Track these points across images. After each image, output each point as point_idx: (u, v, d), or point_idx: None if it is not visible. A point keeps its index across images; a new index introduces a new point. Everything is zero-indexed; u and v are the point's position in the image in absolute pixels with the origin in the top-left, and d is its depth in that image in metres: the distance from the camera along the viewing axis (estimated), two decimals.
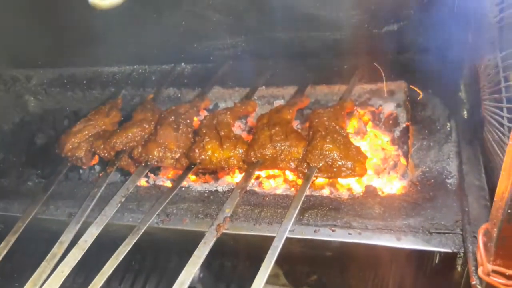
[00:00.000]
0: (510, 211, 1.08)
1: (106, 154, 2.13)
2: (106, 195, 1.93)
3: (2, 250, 1.76)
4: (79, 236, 1.72)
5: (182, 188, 1.96)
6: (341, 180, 1.99)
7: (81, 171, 2.36)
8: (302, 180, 1.79)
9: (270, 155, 1.88)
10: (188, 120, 2.17)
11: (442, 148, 1.86)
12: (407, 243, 1.56)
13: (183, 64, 2.71)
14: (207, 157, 1.94)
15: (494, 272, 1.21)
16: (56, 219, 1.94)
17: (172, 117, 2.14)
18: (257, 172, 2.05)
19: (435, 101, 2.07)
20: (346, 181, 2.00)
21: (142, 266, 2.26)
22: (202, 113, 2.41)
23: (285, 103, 2.26)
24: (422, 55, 2.22)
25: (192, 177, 2.16)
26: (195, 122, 2.26)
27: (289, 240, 1.66)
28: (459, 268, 1.57)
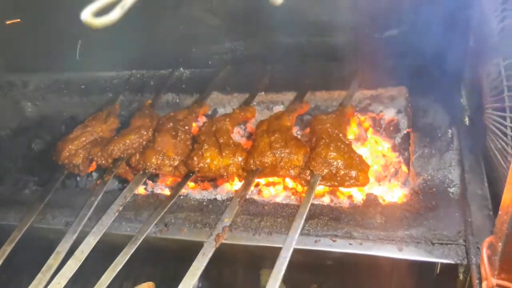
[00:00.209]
0: None
1: (104, 162, 2.10)
2: (104, 204, 1.91)
3: None
4: (76, 246, 1.69)
5: (181, 197, 1.94)
6: (342, 188, 1.96)
7: (79, 179, 2.33)
8: (306, 189, 1.76)
9: (270, 163, 1.85)
10: (187, 127, 2.14)
11: (444, 156, 1.84)
12: (409, 254, 1.53)
13: (182, 69, 2.69)
14: (206, 165, 1.92)
15: (499, 287, 1.19)
16: (53, 228, 1.91)
17: (170, 124, 2.11)
18: (257, 180, 2.02)
19: (436, 108, 2.05)
20: (347, 189, 1.98)
21: (140, 275, 2.23)
22: (201, 119, 2.39)
23: (285, 109, 2.23)
24: (423, 61, 2.20)
25: (191, 184, 2.13)
26: (194, 129, 2.23)
27: None
28: (461, 277, 1.55)
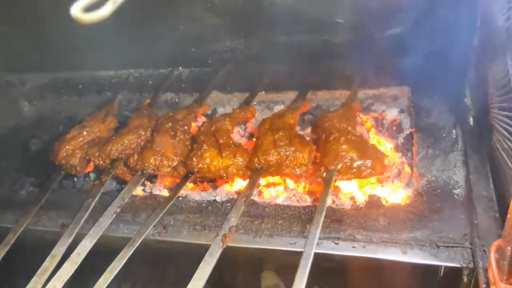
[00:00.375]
0: None
1: (101, 162, 2.07)
2: (101, 205, 1.87)
3: None
4: (72, 249, 1.65)
5: (179, 198, 1.90)
6: (344, 188, 1.93)
7: (76, 179, 2.30)
8: (322, 186, 1.72)
9: (275, 161, 1.81)
10: (186, 127, 2.11)
11: (448, 157, 1.80)
12: (414, 257, 1.50)
13: (181, 68, 2.66)
14: (205, 166, 1.88)
15: None
16: (49, 231, 1.87)
17: (169, 124, 2.08)
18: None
19: (440, 107, 2.02)
20: (349, 190, 1.95)
21: (139, 277, 2.20)
22: (200, 119, 2.35)
23: (287, 108, 2.20)
24: (426, 59, 2.16)
25: (190, 185, 2.09)
26: (193, 129, 2.20)
27: (290, 253, 1.61)
28: (465, 279, 1.51)
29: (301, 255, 1.41)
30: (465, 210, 1.59)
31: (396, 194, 1.87)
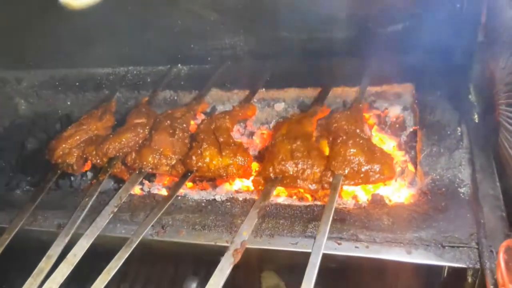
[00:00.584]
0: None
1: (99, 161, 2.04)
2: (98, 205, 1.84)
3: None
4: (68, 250, 1.62)
5: (178, 197, 1.86)
6: (346, 188, 1.89)
7: (72, 178, 2.26)
8: (329, 191, 1.67)
9: (291, 173, 1.74)
10: (185, 125, 2.08)
11: (453, 155, 1.76)
12: (419, 258, 1.46)
13: (180, 66, 2.63)
14: (205, 165, 1.84)
15: None
16: (45, 231, 1.83)
17: (168, 122, 2.05)
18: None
19: (444, 104, 1.97)
20: (351, 189, 1.91)
21: (137, 278, 2.17)
22: (199, 117, 2.32)
23: (305, 113, 2.08)
24: (429, 56, 2.14)
25: (189, 184, 2.06)
26: (192, 127, 2.17)
27: (291, 253, 1.58)
28: (470, 280, 1.48)
29: (305, 257, 1.37)
30: (471, 209, 1.55)
31: (400, 193, 1.84)
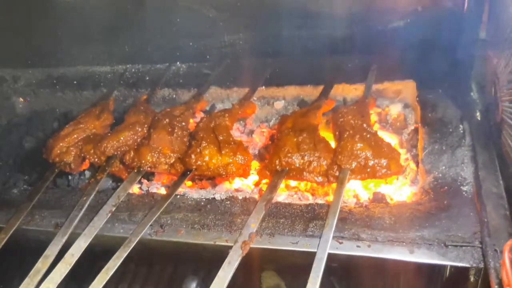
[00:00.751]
0: None
1: (96, 160, 2.01)
2: (96, 204, 1.81)
3: None
4: (66, 249, 1.59)
5: (177, 196, 1.84)
6: (349, 186, 1.87)
7: (70, 177, 2.24)
8: (336, 185, 1.66)
9: (298, 165, 1.73)
10: (184, 123, 2.06)
11: (456, 152, 1.74)
12: (421, 257, 1.43)
13: (179, 63, 2.62)
14: (204, 163, 1.82)
15: None
16: (42, 230, 1.81)
17: (167, 120, 2.03)
18: (256, 178, 1.93)
19: (446, 102, 1.96)
20: (353, 187, 1.89)
21: (136, 278, 2.15)
22: (199, 115, 2.30)
23: (310, 106, 2.08)
24: (430, 53, 2.12)
25: (188, 183, 2.03)
26: (191, 125, 2.15)
27: (292, 253, 1.55)
28: (472, 279, 1.46)
29: (306, 257, 1.35)
30: (474, 208, 1.53)
31: (402, 192, 1.82)
